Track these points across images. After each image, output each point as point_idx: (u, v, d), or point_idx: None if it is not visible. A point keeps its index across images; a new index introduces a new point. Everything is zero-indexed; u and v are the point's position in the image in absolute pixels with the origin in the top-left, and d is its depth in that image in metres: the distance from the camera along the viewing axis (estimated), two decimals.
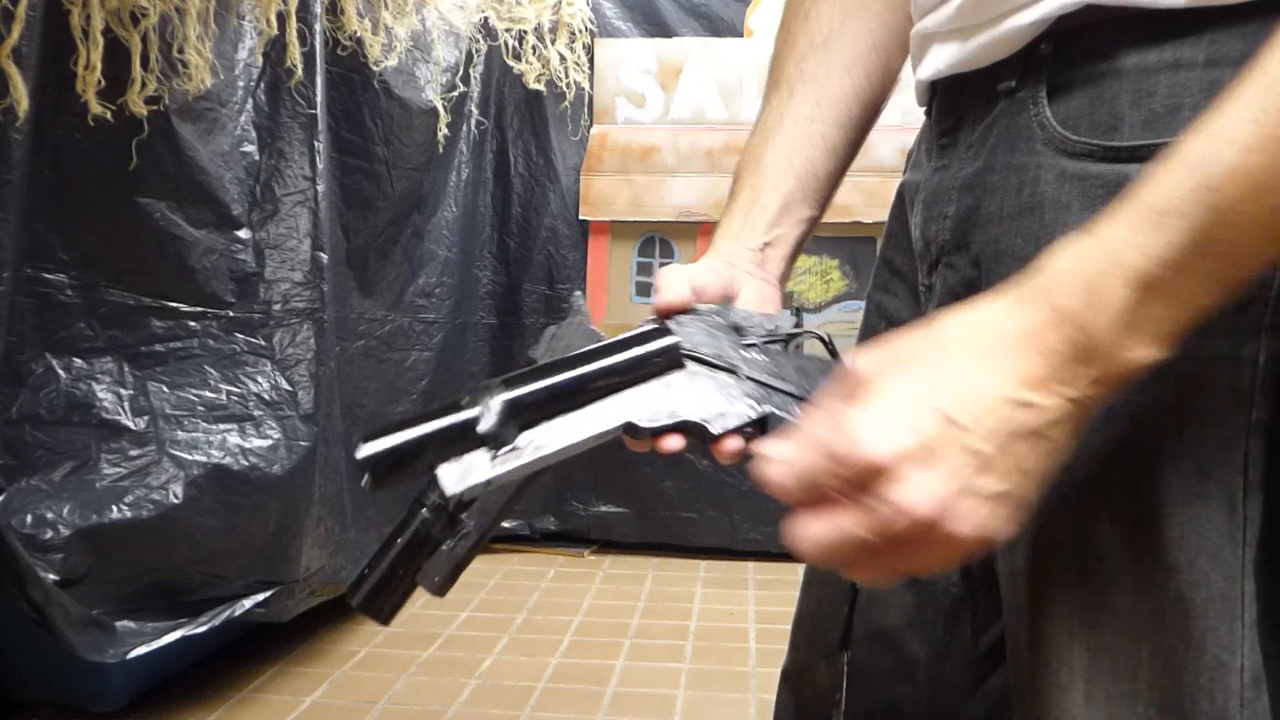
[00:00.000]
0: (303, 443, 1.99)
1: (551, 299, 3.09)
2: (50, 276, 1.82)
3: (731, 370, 0.55)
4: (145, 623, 1.76)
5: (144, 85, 1.78)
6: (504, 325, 3.11)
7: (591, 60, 3.06)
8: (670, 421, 0.54)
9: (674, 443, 0.55)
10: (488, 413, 0.50)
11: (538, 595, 2.67)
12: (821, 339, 0.60)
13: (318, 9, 2.14)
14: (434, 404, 0.51)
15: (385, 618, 0.52)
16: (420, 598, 2.00)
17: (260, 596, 1.91)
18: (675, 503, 3.02)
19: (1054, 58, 0.55)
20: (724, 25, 3.05)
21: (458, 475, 0.49)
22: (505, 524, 3.09)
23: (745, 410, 0.54)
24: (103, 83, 1.70)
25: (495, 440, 0.49)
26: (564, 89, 3.03)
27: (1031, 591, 0.55)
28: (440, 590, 0.51)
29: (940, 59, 0.62)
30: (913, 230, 0.68)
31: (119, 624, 1.72)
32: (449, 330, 2.90)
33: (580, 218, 3.04)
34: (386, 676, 2.09)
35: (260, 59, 2.05)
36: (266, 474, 1.92)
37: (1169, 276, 0.41)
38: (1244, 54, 0.48)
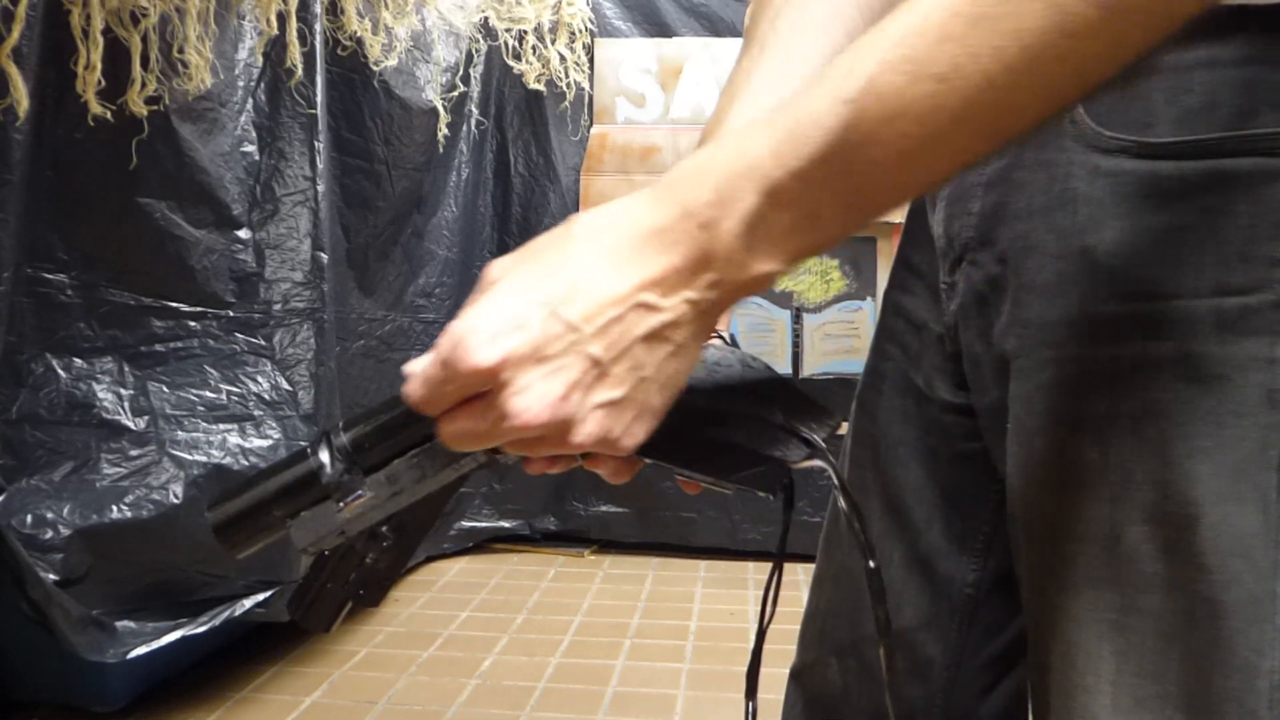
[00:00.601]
0: (302, 443, 1.99)
1: None
2: (50, 276, 1.82)
3: None
4: (145, 623, 1.76)
5: (144, 85, 1.78)
6: None
7: (591, 60, 3.06)
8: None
9: (538, 468, 0.52)
10: (324, 465, 0.48)
11: (538, 595, 2.67)
12: (721, 336, 0.57)
13: (318, 9, 2.15)
14: (281, 458, 0.49)
15: (324, 627, 0.53)
16: (421, 597, 1.98)
17: (260, 596, 1.91)
18: (675, 503, 3.02)
19: None
20: (724, 25, 3.05)
21: (308, 530, 0.48)
22: (505, 524, 3.10)
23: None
24: (103, 83, 1.70)
25: (340, 490, 0.48)
26: (564, 89, 3.03)
27: (1058, 593, 0.54)
28: (369, 603, 0.52)
29: None
30: (934, 227, 0.66)
31: (119, 624, 1.72)
32: None
33: None
34: (386, 676, 2.09)
35: (260, 59, 2.05)
36: None
37: (798, 188, 0.41)
38: None
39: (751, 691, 0.54)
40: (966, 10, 0.38)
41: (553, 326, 0.42)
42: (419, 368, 0.45)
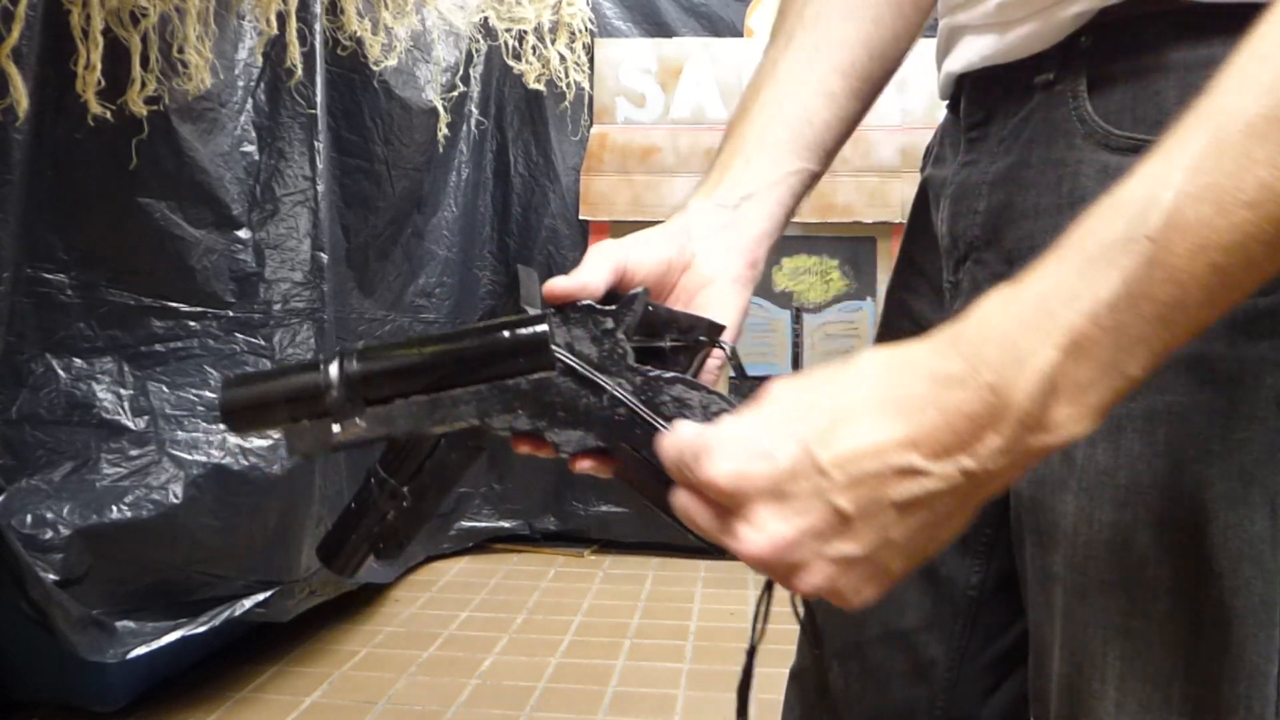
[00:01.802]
0: None
1: None
2: (50, 276, 1.82)
3: (599, 387, 0.50)
4: (145, 623, 1.75)
5: (144, 85, 1.78)
6: None
7: (591, 60, 3.06)
8: (520, 429, 0.50)
9: (524, 447, 0.52)
10: (333, 386, 0.50)
11: (538, 595, 2.67)
12: (726, 352, 0.54)
13: (318, 9, 2.14)
14: (298, 361, 0.52)
15: (349, 573, 0.56)
16: (421, 597, 1.98)
17: (260, 596, 1.91)
18: None
19: (1094, 51, 0.54)
20: (724, 25, 3.05)
21: (302, 439, 0.50)
22: (505, 524, 3.10)
23: (601, 435, 0.50)
24: (103, 83, 1.70)
25: (340, 412, 0.50)
26: (564, 89, 3.03)
27: (1065, 596, 0.54)
28: (388, 555, 0.55)
29: (973, 51, 0.61)
30: (938, 226, 0.66)
31: (119, 624, 1.72)
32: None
33: (580, 218, 3.04)
34: (386, 676, 2.09)
35: (260, 59, 2.05)
36: (266, 474, 1.92)
37: (1099, 335, 0.37)
38: None
39: (742, 711, 0.53)
40: (1262, 127, 0.35)
41: (801, 465, 0.39)
42: (685, 436, 0.43)
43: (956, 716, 0.71)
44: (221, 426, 1.90)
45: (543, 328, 0.50)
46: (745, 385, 0.50)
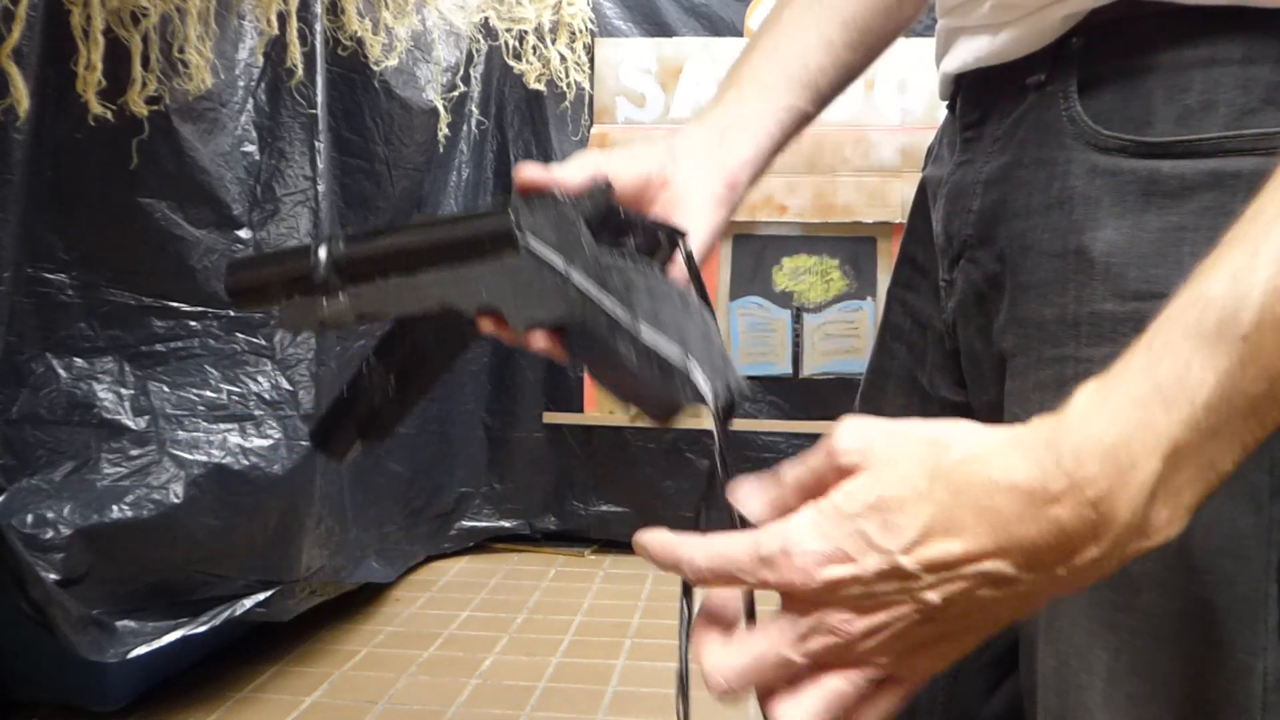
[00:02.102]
0: (303, 442, 1.99)
1: None
2: (50, 276, 1.82)
3: (553, 269, 0.53)
4: (145, 623, 1.76)
5: (144, 85, 1.78)
6: None
7: (591, 60, 3.06)
8: (478, 305, 0.54)
9: (486, 325, 0.54)
10: (320, 266, 0.55)
11: (538, 595, 2.67)
12: (682, 251, 0.57)
13: (318, 9, 2.15)
14: (293, 246, 0.58)
15: (340, 456, 0.61)
16: (421, 597, 1.97)
17: (260, 596, 1.91)
18: (675, 503, 3.02)
19: (1085, 52, 0.54)
20: (724, 25, 3.05)
21: (292, 314, 0.57)
22: (505, 524, 3.10)
23: (554, 313, 0.53)
24: (103, 83, 1.70)
25: (325, 289, 0.56)
26: (564, 89, 3.03)
27: None
28: (375, 437, 0.60)
29: (967, 52, 0.62)
30: (934, 225, 0.67)
31: (119, 624, 1.72)
32: None
33: None
34: (386, 676, 2.09)
35: (261, 59, 2.05)
36: (267, 474, 1.92)
37: (1198, 440, 0.36)
38: None
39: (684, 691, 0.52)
40: None
41: (889, 570, 0.37)
42: (727, 554, 0.40)
43: (957, 715, 0.71)
44: (222, 426, 1.91)
45: (507, 219, 0.54)
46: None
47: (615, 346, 0.50)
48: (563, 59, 3.01)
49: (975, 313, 0.61)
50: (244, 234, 2.01)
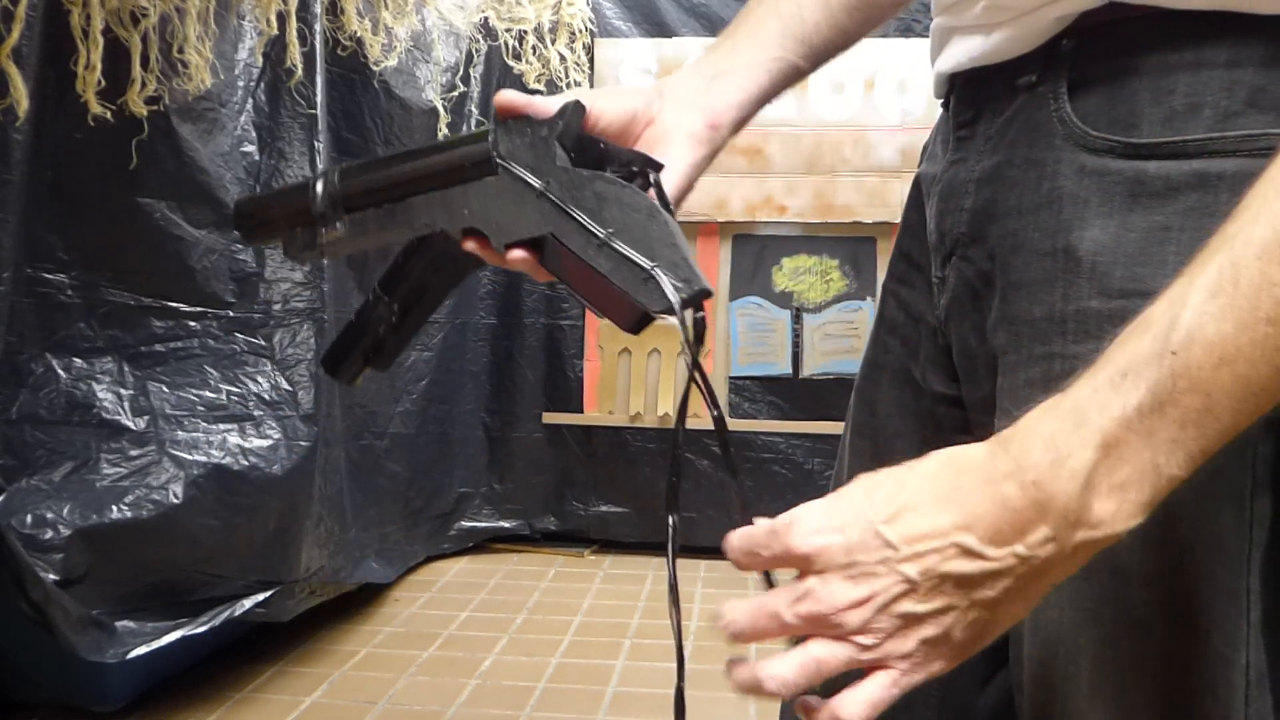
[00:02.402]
0: (303, 443, 1.99)
1: (552, 299, 3.09)
2: (50, 276, 1.82)
3: (529, 185, 0.57)
4: (145, 623, 1.76)
5: (144, 85, 1.78)
6: (504, 325, 3.11)
7: (591, 60, 3.06)
8: (462, 226, 0.58)
9: (471, 245, 0.58)
10: (319, 198, 0.60)
11: (538, 595, 2.67)
12: (652, 181, 0.60)
13: (318, 9, 2.15)
14: (294, 184, 0.62)
15: (349, 380, 0.65)
16: (421, 597, 1.97)
17: (260, 596, 1.91)
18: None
19: (1075, 54, 0.55)
20: (724, 25, 3.03)
21: (296, 244, 0.61)
22: (505, 524, 3.09)
23: (530, 229, 0.57)
24: (103, 83, 1.70)
25: (324, 219, 0.60)
26: (564, 89, 3.02)
27: None
28: (379, 365, 0.64)
29: (961, 52, 0.62)
30: (928, 222, 0.67)
31: (119, 624, 1.72)
32: (449, 330, 2.90)
33: None
34: (386, 676, 2.09)
35: (260, 59, 2.05)
36: (266, 474, 1.92)
37: (1130, 439, 0.41)
38: (1265, 57, 0.49)
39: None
40: (1277, 251, 0.39)
41: (869, 538, 0.43)
42: (751, 534, 0.47)
43: (953, 706, 0.71)
44: (222, 426, 1.91)
45: (485, 144, 0.58)
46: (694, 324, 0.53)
47: (587, 256, 0.54)
48: (562, 59, 3.01)
49: (969, 309, 0.62)
50: None
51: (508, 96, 0.59)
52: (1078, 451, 0.41)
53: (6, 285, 1.65)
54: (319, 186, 0.60)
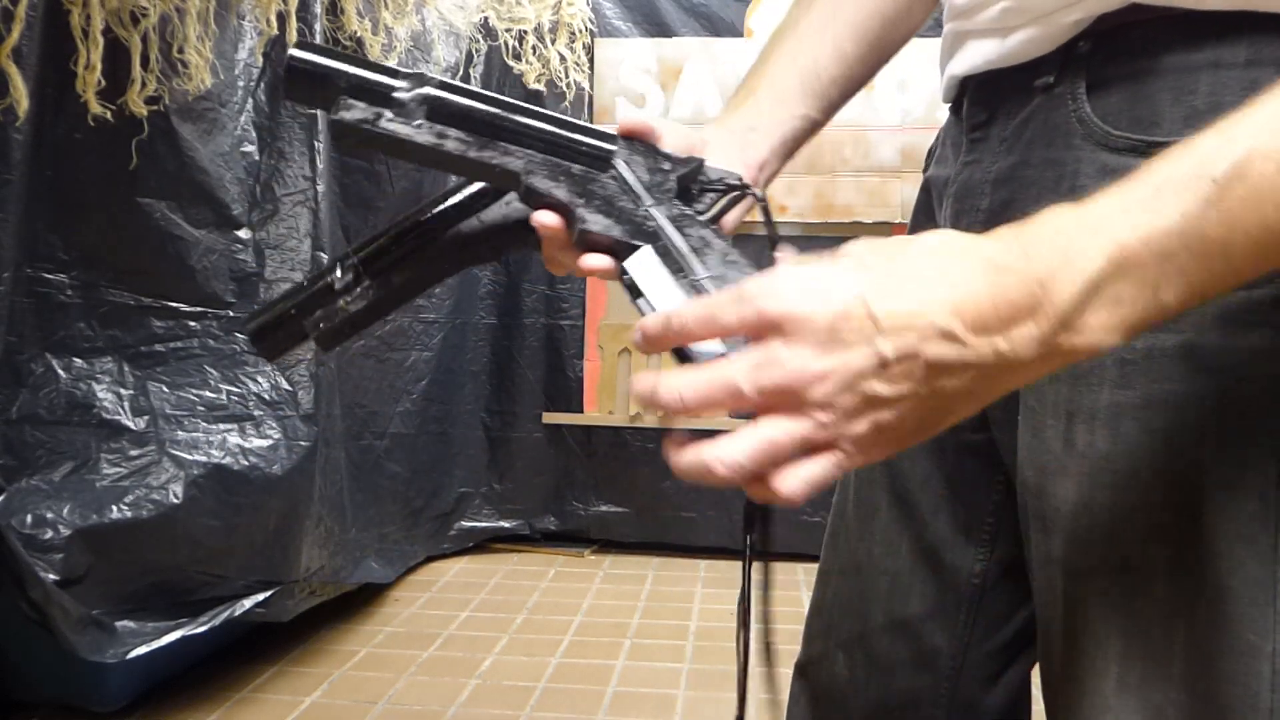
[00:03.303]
0: (303, 443, 1.99)
1: (552, 299, 3.09)
2: (50, 276, 1.82)
3: (638, 197, 0.56)
4: (145, 623, 1.76)
5: (144, 85, 1.78)
6: (504, 325, 3.11)
7: (591, 60, 3.06)
8: (557, 198, 0.55)
9: (547, 218, 0.55)
10: (407, 91, 0.54)
11: (538, 595, 2.67)
12: (758, 197, 0.60)
13: (318, 9, 2.14)
14: (378, 64, 0.56)
15: (272, 355, 0.60)
16: (421, 597, 1.97)
17: (260, 596, 1.91)
18: (675, 503, 3.02)
19: (1093, 55, 0.56)
20: (724, 25, 3.05)
21: (355, 110, 0.54)
22: (505, 524, 3.09)
23: (623, 233, 0.55)
24: (103, 83, 1.70)
25: (401, 110, 0.54)
26: (564, 89, 3.03)
27: (1067, 578, 0.55)
28: (325, 341, 0.58)
29: (977, 55, 0.63)
30: (941, 224, 0.68)
31: (119, 624, 1.72)
32: (449, 330, 2.90)
33: None
34: (386, 676, 2.09)
35: (260, 59, 2.05)
36: (266, 474, 1.92)
37: (1145, 257, 0.40)
38: None
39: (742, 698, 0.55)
40: None
41: (854, 308, 0.40)
42: (707, 299, 0.44)
43: (961, 704, 0.72)
44: (222, 426, 1.90)
45: (612, 141, 0.57)
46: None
47: (672, 284, 0.52)
48: (562, 59, 3.01)
49: None
50: (243, 234, 2.01)
51: (631, 120, 0.59)
52: (1090, 256, 0.40)
53: (6, 285, 1.65)
54: (408, 81, 0.55)
